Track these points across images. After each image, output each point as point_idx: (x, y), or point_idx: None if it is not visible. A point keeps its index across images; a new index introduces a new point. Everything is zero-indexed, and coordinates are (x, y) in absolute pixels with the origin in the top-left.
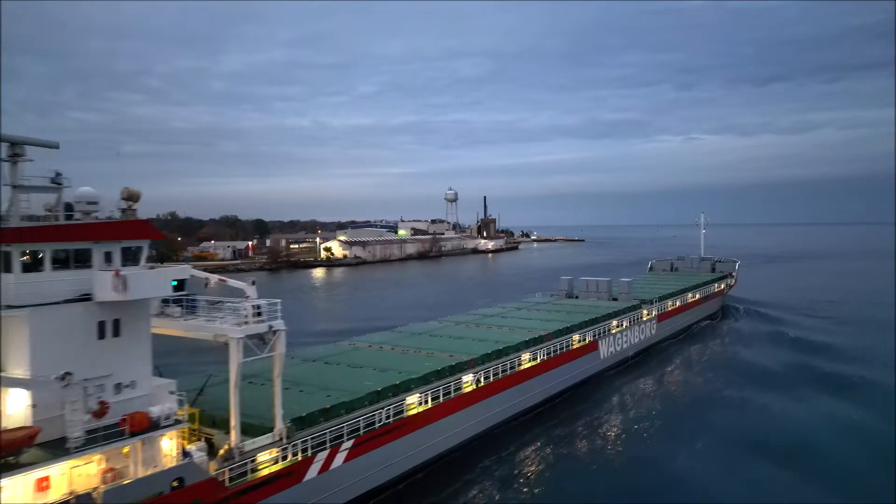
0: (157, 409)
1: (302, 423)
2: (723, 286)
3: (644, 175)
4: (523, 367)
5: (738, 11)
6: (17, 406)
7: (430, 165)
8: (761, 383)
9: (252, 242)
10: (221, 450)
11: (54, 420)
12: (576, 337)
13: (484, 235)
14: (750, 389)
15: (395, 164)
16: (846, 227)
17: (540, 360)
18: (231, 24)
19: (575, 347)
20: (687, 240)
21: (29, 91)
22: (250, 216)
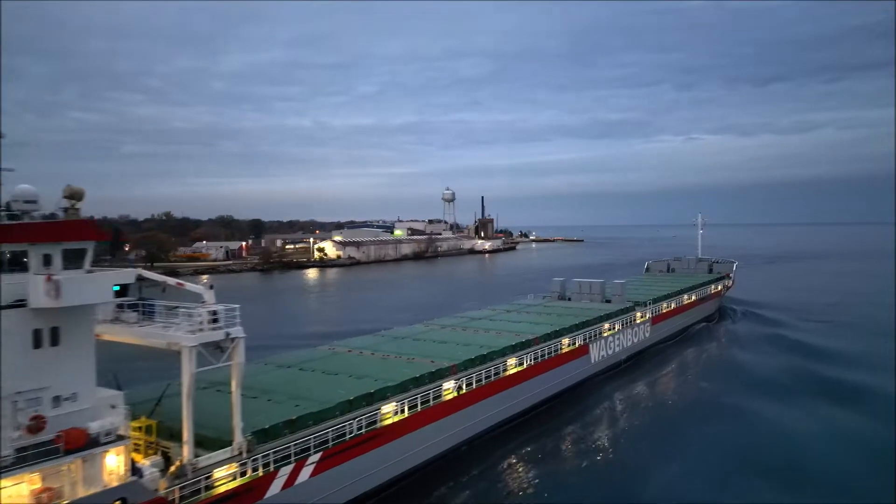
0: (97, 425)
1: (265, 436)
2: (720, 287)
3: (644, 175)
4: (508, 374)
5: (739, 11)
6: None
7: (431, 165)
8: (757, 390)
9: (246, 243)
10: (172, 466)
11: None
12: (565, 341)
13: (481, 236)
14: (745, 396)
15: (396, 165)
16: (846, 228)
17: (526, 366)
18: (231, 24)
19: (564, 352)
20: (687, 240)
21: (29, 91)
22: (250, 216)
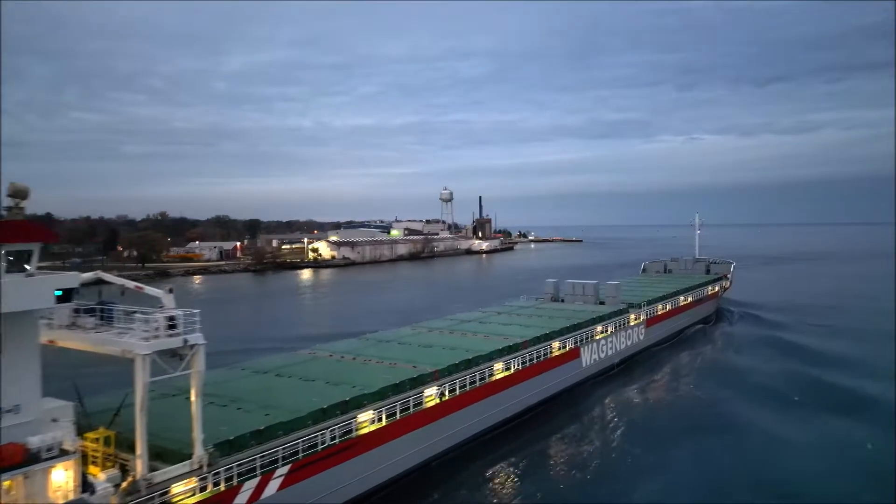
0: (37, 440)
1: (230, 448)
2: (717, 288)
3: (645, 175)
4: (494, 379)
5: (740, 11)
6: None
7: (432, 166)
8: (752, 396)
9: (241, 243)
10: (124, 482)
11: None
12: (556, 344)
13: (479, 236)
14: (738, 403)
15: (397, 165)
16: (847, 228)
17: (514, 371)
18: (233, 25)
19: (554, 355)
20: (687, 240)
21: (31, 91)
22: (250, 217)
